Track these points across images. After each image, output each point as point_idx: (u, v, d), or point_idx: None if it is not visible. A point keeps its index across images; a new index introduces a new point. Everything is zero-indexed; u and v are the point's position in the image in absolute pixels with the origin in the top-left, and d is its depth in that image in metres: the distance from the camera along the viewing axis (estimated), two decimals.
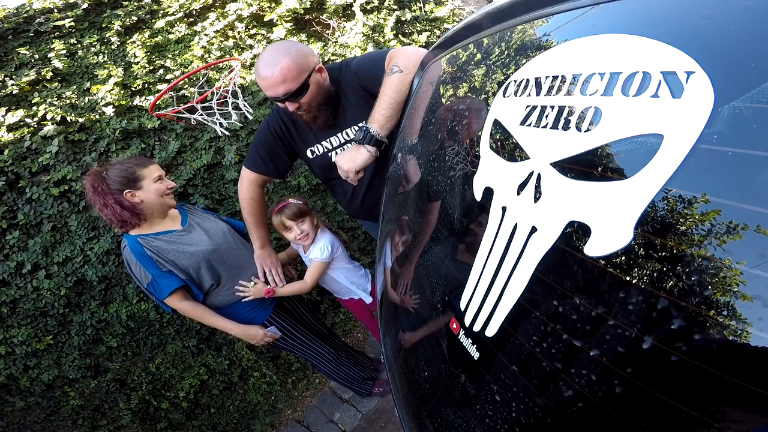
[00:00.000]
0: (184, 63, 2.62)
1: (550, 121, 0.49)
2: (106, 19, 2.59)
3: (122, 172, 1.63)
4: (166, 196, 1.70)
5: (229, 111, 2.28)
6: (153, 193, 1.66)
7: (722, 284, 0.31)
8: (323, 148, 1.68)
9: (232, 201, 2.53)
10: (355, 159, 1.36)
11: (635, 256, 0.37)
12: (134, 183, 1.63)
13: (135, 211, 1.65)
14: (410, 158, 1.05)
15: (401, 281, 1.00)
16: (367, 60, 1.57)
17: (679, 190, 0.35)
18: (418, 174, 0.96)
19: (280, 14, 2.69)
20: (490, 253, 0.55)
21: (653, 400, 0.34)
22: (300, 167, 2.72)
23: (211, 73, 2.54)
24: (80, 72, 2.49)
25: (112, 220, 1.63)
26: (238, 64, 2.32)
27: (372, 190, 1.77)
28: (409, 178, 1.02)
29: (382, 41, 2.78)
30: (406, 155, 1.10)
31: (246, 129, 2.54)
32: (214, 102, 2.24)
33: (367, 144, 1.35)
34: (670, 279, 0.34)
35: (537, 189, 0.48)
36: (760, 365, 0.29)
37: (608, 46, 0.45)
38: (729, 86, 0.33)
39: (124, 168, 1.65)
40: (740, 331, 0.29)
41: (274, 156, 1.73)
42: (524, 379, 0.48)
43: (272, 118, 1.71)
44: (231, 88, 2.28)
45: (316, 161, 1.71)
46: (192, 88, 2.45)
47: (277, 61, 1.36)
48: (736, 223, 0.30)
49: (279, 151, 1.72)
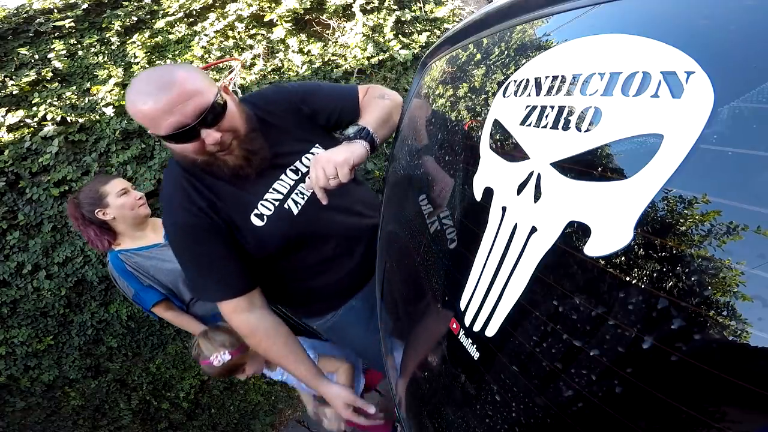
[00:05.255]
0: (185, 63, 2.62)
1: (550, 121, 0.49)
2: (106, 20, 2.61)
3: (88, 194, 1.68)
4: (138, 208, 1.73)
5: None
6: (120, 207, 1.68)
7: (722, 284, 0.31)
8: (273, 202, 1.09)
9: None
10: (353, 151, 1.01)
11: (635, 256, 0.37)
12: (100, 201, 1.66)
13: (109, 228, 1.70)
14: (410, 158, 1.05)
15: (401, 281, 1.00)
16: (311, 84, 1.42)
17: (680, 190, 0.35)
18: (417, 173, 0.96)
19: (280, 14, 2.70)
20: (490, 253, 0.55)
21: (653, 400, 0.34)
22: None
23: (211, 74, 2.54)
24: (80, 72, 2.50)
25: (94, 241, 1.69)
26: (238, 64, 2.33)
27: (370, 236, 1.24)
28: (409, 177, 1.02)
29: (382, 41, 2.78)
30: (405, 155, 1.10)
31: None
32: None
33: (363, 140, 1.05)
34: (671, 279, 0.34)
35: (537, 189, 0.48)
36: (760, 365, 0.29)
37: (608, 46, 0.45)
38: (729, 86, 0.33)
39: (88, 188, 1.70)
40: (740, 331, 0.29)
41: (226, 257, 1.07)
42: (524, 379, 0.48)
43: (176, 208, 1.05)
44: (231, 88, 2.28)
45: (271, 226, 1.07)
46: None
47: (167, 76, 0.90)
48: (736, 223, 0.30)
49: (227, 245, 1.07)
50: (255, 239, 1.08)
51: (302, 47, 2.74)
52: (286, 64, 2.71)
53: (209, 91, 0.94)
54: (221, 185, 1.06)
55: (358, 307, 1.30)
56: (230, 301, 1.09)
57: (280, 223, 1.09)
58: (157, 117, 0.89)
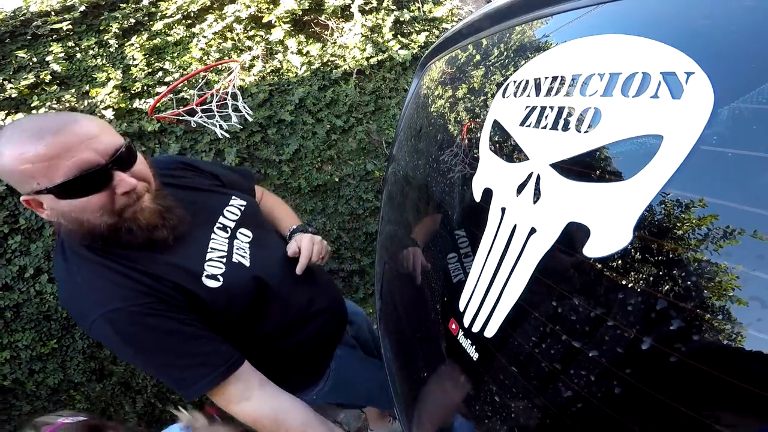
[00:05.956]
0: (183, 65, 2.62)
1: (550, 121, 0.49)
2: (104, 22, 2.60)
3: None
4: None
5: (228, 113, 2.28)
6: None
7: (720, 286, 0.31)
8: (220, 260, 0.94)
9: None
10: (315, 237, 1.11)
11: (634, 258, 0.37)
12: None
13: None
14: (409, 158, 1.05)
15: (399, 280, 1.00)
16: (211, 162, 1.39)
17: (679, 192, 0.34)
18: (416, 174, 0.96)
19: (279, 15, 2.69)
20: (490, 253, 0.55)
21: (652, 401, 0.34)
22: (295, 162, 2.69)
23: (210, 75, 2.54)
24: (79, 75, 2.50)
25: None
26: (237, 66, 2.32)
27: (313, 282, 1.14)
28: (409, 178, 1.02)
29: (381, 41, 2.77)
30: (405, 155, 1.10)
31: (246, 131, 2.54)
32: (214, 104, 2.24)
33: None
34: (669, 280, 0.34)
35: (536, 190, 0.48)
36: (757, 367, 0.29)
37: (608, 47, 0.45)
38: (729, 87, 0.33)
39: None
40: (738, 332, 0.29)
41: (199, 332, 0.86)
42: (523, 380, 0.48)
43: (106, 296, 0.79)
44: (230, 90, 2.28)
45: (230, 283, 0.92)
46: (191, 90, 2.45)
47: (61, 118, 0.73)
48: (735, 225, 0.30)
49: (192, 317, 0.86)
50: (216, 302, 0.90)
51: (301, 48, 2.73)
52: (285, 65, 2.70)
53: (113, 130, 0.79)
54: (145, 255, 0.85)
55: (345, 354, 1.22)
56: (223, 387, 0.86)
57: (238, 278, 0.94)
58: (56, 156, 0.69)
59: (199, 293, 0.87)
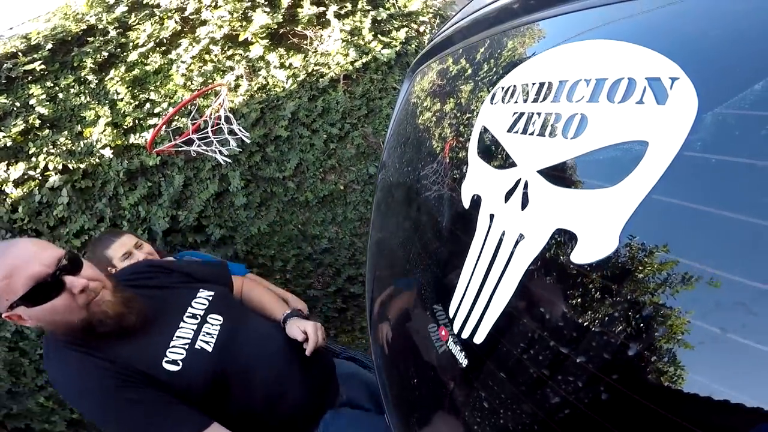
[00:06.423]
0: (168, 93, 2.56)
1: (537, 128, 0.49)
2: (76, 58, 2.48)
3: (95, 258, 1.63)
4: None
5: (225, 137, 2.23)
6: None
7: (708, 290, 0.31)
8: (182, 347, 1.03)
9: (246, 226, 2.56)
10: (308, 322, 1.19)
11: (622, 264, 0.36)
12: (107, 265, 1.61)
13: None
14: (399, 165, 1.05)
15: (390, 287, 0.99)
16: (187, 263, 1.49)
17: (665, 197, 0.34)
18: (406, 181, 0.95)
19: (254, 32, 2.61)
20: (479, 260, 0.55)
21: (639, 407, 0.34)
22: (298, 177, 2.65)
23: (199, 101, 2.48)
24: (67, 116, 2.42)
25: None
26: (224, 89, 2.27)
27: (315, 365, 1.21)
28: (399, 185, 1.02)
29: (363, 44, 2.75)
30: (395, 162, 1.10)
31: (245, 152, 2.51)
32: (209, 130, 2.19)
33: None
34: (657, 285, 0.34)
35: (524, 196, 0.48)
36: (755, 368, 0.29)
37: (594, 52, 0.45)
38: (713, 92, 0.33)
39: (93, 252, 1.68)
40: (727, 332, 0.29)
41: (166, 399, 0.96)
42: (512, 386, 0.47)
43: (82, 378, 0.94)
44: (222, 113, 2.23)
45: (188, 367, 1.00)
46: (183, 119, 2.41)
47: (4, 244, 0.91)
48: (720, 230, 0.30)
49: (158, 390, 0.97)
50: (176, 385, 0.98)
51: (283, 62, 2.68)
52: (271, 80, 2.66)
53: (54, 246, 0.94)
54: (115, 345, 0.97)
55: (334, 418, 1.21)
56: None
57: (197, 363, 1.01)
58: (10, 275, 0.84)
59: (159, 376, 0.97)
